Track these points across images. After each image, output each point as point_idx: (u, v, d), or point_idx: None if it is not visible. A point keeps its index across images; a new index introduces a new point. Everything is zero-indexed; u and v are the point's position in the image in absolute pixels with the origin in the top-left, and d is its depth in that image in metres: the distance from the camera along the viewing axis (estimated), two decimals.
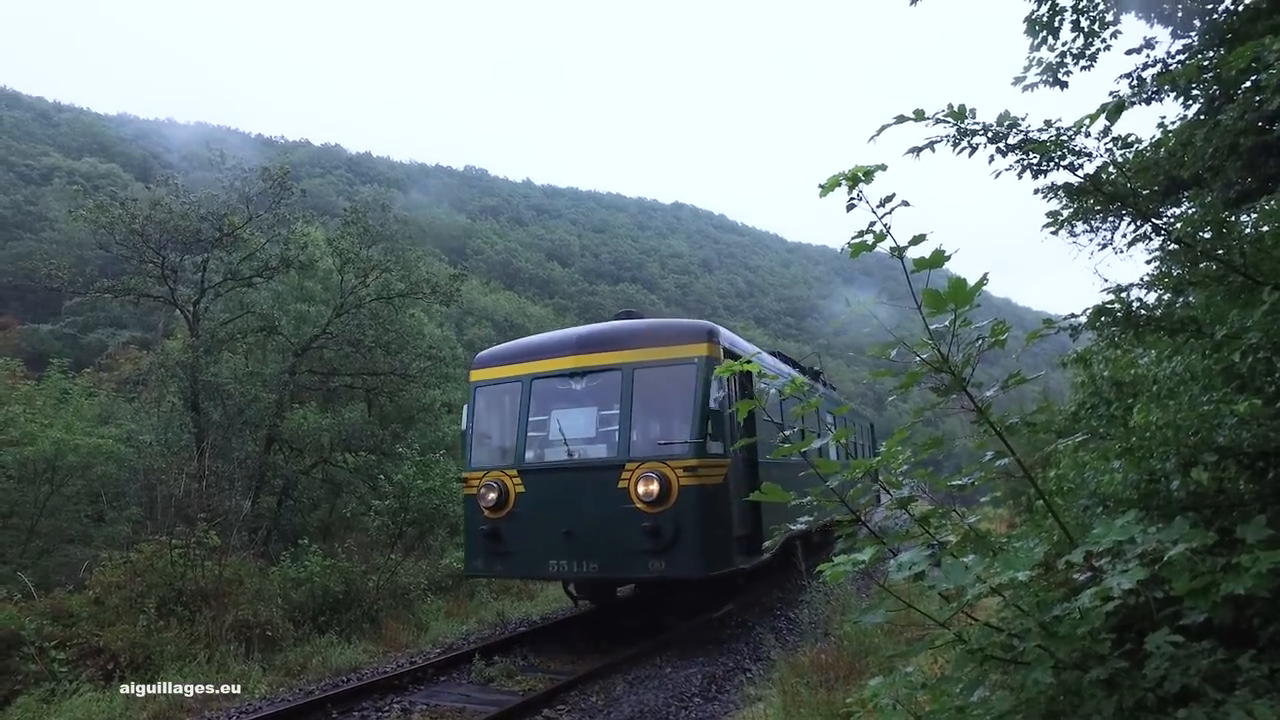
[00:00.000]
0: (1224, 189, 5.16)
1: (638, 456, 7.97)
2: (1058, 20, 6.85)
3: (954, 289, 2.31)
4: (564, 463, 8.45)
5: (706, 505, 7.71)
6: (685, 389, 8.06)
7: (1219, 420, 2.61)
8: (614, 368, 8.44)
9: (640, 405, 8.31)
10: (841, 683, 5.94)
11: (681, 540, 7.55)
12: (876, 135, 2.64)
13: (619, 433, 8.17)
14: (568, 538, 8.00)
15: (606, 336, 8.85)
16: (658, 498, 7.60)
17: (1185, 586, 2.11)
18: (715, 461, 7.93)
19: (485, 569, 8.87)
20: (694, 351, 8.24)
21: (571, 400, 8.76)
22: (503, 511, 8.56)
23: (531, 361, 9.15)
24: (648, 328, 8.96)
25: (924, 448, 2.66)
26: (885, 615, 2.22)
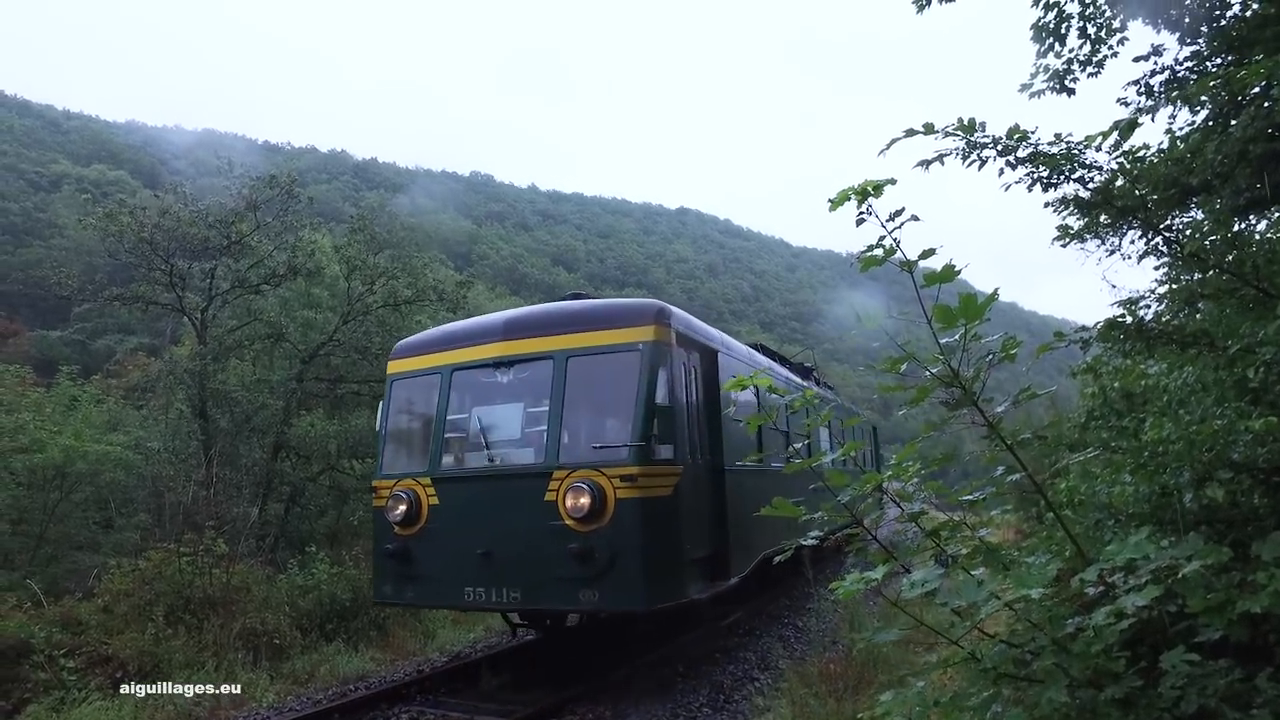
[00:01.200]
0: (1233, 196, 5.14)
1: (569, 463, 6.63)
2: (1064, 27, 6.85)
3: (965, 304, 2.31)
4: (483, 470, 7.18)
5: (650, 522, 6.40)
6: (627, 380, 6.68)
7: (1233, 437, 2.59)
8: (545, 356, 7.07)
9: (574, 400, 6.95)
10: (851, 693, 5.91)
11: (618, 565, 6.24)
12: (886, 149, 2.65)
13: (548, 434, 6.79)
14: (485, 560, 6.71)
15: (537, 320, 7.47)
16: (589, 513, 6.29)
17: (1201, 604, 2.10)
18: (662, 469, 6.63)
19: (394, 595, 7.52)
20: (638, 335, 6.84)
21: (497, 395, 7.49)
22: (414, 527, 7.26)
23: (453, 350, 7.75)
24: (585, 309, 7.53)
25: (934, 462, 2.65)
26: (899, 633, 2.21)
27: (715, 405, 8.01)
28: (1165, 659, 2.05)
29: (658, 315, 7.05)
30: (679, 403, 7.09)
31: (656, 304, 7.33)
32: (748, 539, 8.35)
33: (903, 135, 2.64)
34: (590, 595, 6.34)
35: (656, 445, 6.64)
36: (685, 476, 6.94)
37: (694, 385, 7.76)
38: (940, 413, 2.76)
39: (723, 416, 7.99)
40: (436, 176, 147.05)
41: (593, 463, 6.53)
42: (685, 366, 7.53)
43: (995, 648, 2.31)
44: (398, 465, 7.86)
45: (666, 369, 6.86)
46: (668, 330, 7.06)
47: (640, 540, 6.34)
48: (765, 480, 9.51)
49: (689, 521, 6.98)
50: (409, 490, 7.37)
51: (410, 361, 8.15)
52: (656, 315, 7.04)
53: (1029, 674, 2.15)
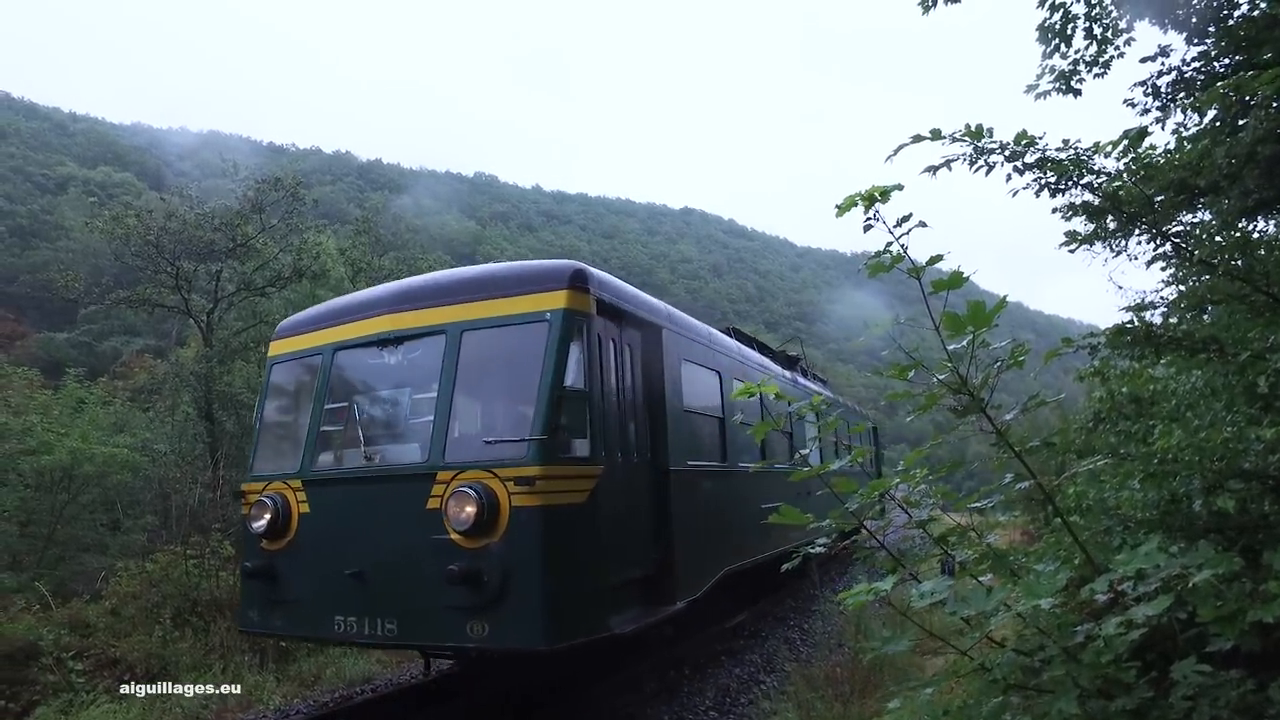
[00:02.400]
0: (1242, 197, 5.12)
1: (456, 462, 5.37)
2: (1070, 28, 6.83)
3: (973, 311, 2.30)
4: (359, 471, 5.95)
5: (554, 536, 5.14)
6: (531, 359, 5.40)
7: (1244, 445, 2.58)
8: (436, 330, 5.82)
9: (469, 384, 5.73)
10: (857, 696, 5.90)
11: (512, 592, 4.99)
12: (893, 155, 2.64)
13: (434, 426, 5.53)
14: (357, 582, 5.47)
15: (431, 288, 6.19)
16: (477, 524, 5.03)
17: (1211, 613, 2.09)
18: (573, 469, 5.40)
19: (260, 623, 6.23)
20: (546, 303, 5.54)
21: (383, 378, 6.37)
22: (282, 541, 6.04)
23: (337, 326, 6.47)
24: (485, 272, 6.30)
25: (943, 469, 2.64)
26: (909, 644, 2.20)
27: (658, 393, 6.82)
28: (1176, 669, 2.04)
29: (573, 279, 5.68)
30: (602, 388, 5.89)
31: (572, 265, 5.89)
32: (702, 553, 7.30)
33: (910, 141, 2.63)
34: (479, 629, 5.05)
35: (566, 440, 5.39)
36: (608, 479, 5.68)
37: (627, 367, 6.53)
38: (947, 415, 2.76)
39: (668, 407, 6.81)
40: (441, 177, 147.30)
41: (484, 462, 5.23)
42: (614, 344, 6.33)
43: (1004, 656, 2.30)
44: (268, 465, 6.58)
45: (583, 345, 5.60)
46: (586, 298, 5.74)
47: (540, 559, 5.03)
48: (730, 483, 8.57)
49: (613, 535, 5.74)
50: (277, 495, 6.09)
51: (291, 341, 6.86)
52: (571, 279, 5.67)
53: (1039, 684, 2.14)
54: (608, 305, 6.15)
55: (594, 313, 5.81)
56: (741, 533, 8.63)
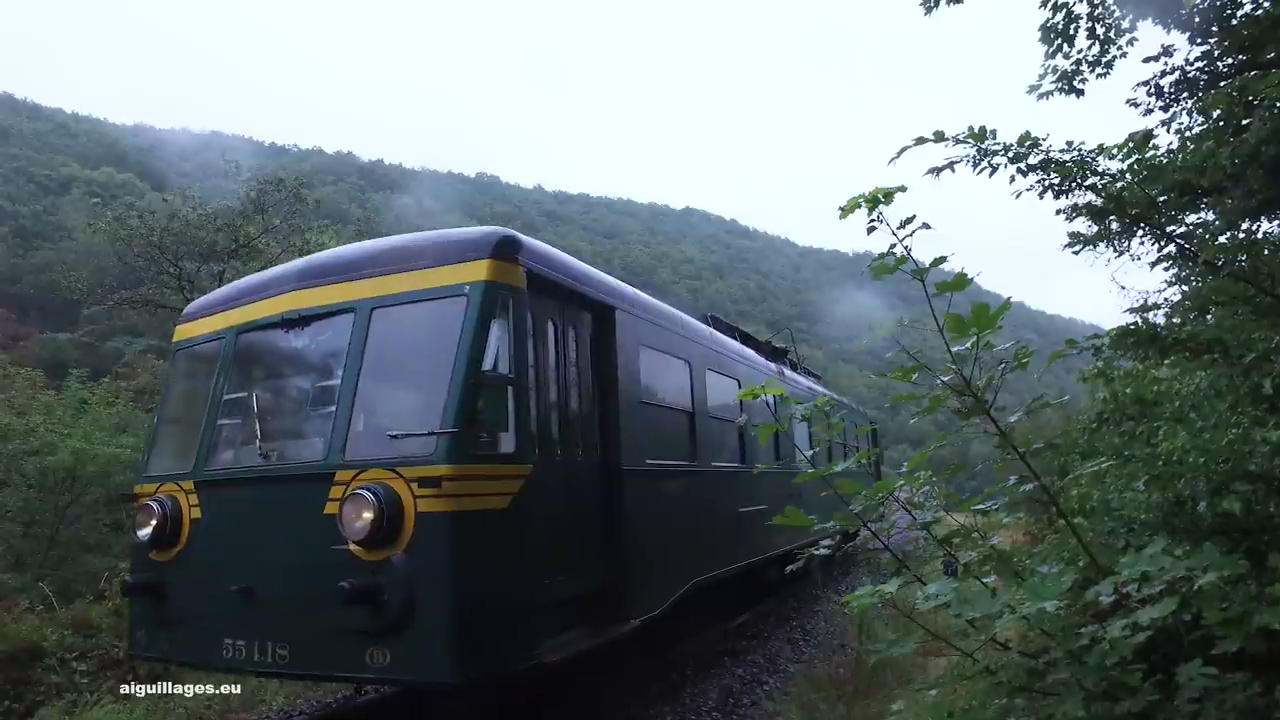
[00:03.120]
0: (1245, 197, 5.11)
1: (357, 459, 4.66)
2: (1073, 28, 6.83)
3: (977, 314, 2.30)
4: (254, 471, 5.19)
5: (469, 548, 4.44)
6: (445, 340, 4.70)
7: (1250, 447, 2.58)
8: (345, 309, 5.12)
9: (377, 369, 5.01)
10: (860, 697, 5.91)
11: (417, 614, 4.27)
12: (896, 157, 2.64)
13: (335, 418, 4.84)
14: (246, 600, 4.77)
15: (340, 260, 5.48)
16: (375, 533, 4.31)
17: (1217, 617, 2.09)
18: (494, 469, 4.70)
19: (149, 646, 5.50)
20: (466, 275, 4.82)
21: (288, 364, 5.64)
22: (171, 551, 5.32)
23: (242, 306, 5.73)
24: (401, 243, 5.49)
25: (947, 471, 2.64)
26: (914, 646, 2.20)
27: (609, 382, 6.10)
28: (1182, 672, 2.03)
29: (498, 248, 4.93)
30: (535, 375, 5.21)
31: (499, 231, 5.16)
32: (663, 564, 6.58)
33: (913, 144, 2.63)
34: (379, 657, 4.35)
35: (486, 434, 4.70)
36: (540, 480, 4.94)
37: (570, 352, 5.80)
38: (950, 416, 2.76)
39: (622, 398, 6.09)
40: (443, 178, 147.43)
41: (387, 460, 4.53)
42: (553, 325, 5.66)
43: (1009, 659, 2.30)
44: (163, 464, 5.86)
45: (509, 324, 4.86)
46: (514, 270, 5.02)
47: (449, 575, 4.32)
48: (701, 485, 7.87)
49: (546, 544, 5.02)
50: (167, 499, 5.36)
51: (196, 325, 6.14)
52: (496, 248, 4.93)
53: (1043, 687, 2.14)
54: (544, 280, 5.38)
55: (525, 287, 5.07)
56: (715, 540, 8.05)
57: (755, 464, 9.30)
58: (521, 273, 5.10)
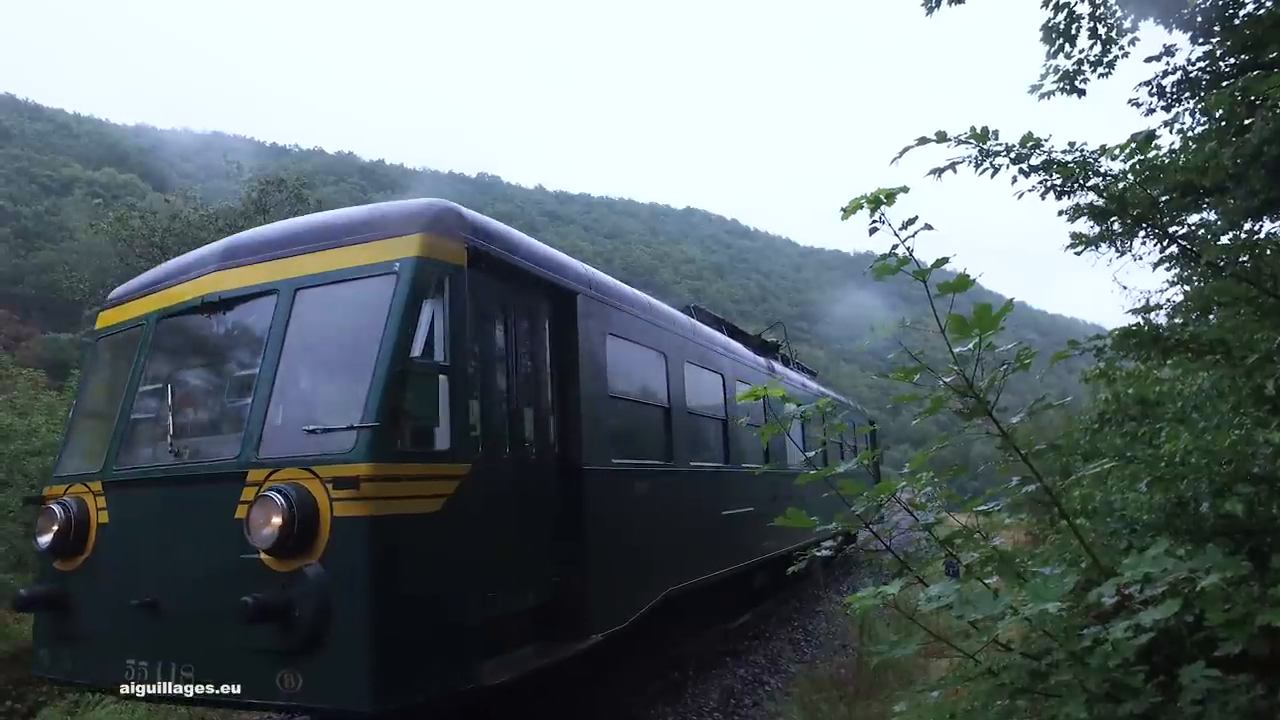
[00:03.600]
0: (1247, 197, 5.10)
1: (272, 458, 4.17)
2: (1075, 28, 6.81)
3: (979, 315, 2.29)
4: (162, 470, 4.68)
5: (391, 557, 3.97)
6: (371, 323, 4.22)
7: (1253, 449, 2.58)
8: (267, 290, 4.64)
9: (301, 356, 4.55)
10: (862, 698, 5.90)
11: (331, 633, 3.79)
12: (898, 158, 2.64)
13: (252, 411, 4.36)
14: (150, 615, 4.30)
15: (265, 237, 5.00)
16: (285, 540, 3.82)
17: (1219, 618, 2.08)
18: (423, 468, 4.24)
19: (51, 666, 4.95)
20: (397, 251, 4.35)
21: (206, 352, 5.11)
22: (76, 559, 4.81)
23: (164, 289, 5.22)
24: (331, 217, 5.04)
25: (949, 472, 2.64)
26: (916, 647, 2.20)
27: (569, 373, 5.61)
28: (1185, 674, 2.03)
29: (434, 221, 4.48)
30: (477, 363, 4.70)
31: (437, 203, 4.71)
32: (632, 572, 6.11)
33: (915, 144, 2.63)
34: (290, 681, 3.89)
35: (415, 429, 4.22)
36: (481, 480, 4.47)
37: (522, 340, 5.32)
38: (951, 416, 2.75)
39: (584, 392, 5.61)
40: (444, 178, 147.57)
41: (303, 458, 4.04)
42: (502, 309, 5.17)
43: (1011, 660, 2.29)
44: (73, 463, 5.34)
45: (445, 306, 4.40)
46: (453, 246, 4.54)
47: (368, 588, 3.82)
48: (679, 486, 7.37)
49: (488, 552, 4.53)
50: (73, 501, 4.85)
51: (118, 311, 5.61)
52: (432, 221, 4.47)
53: (1046, 688, 2.14)
54: (493, 259, 4.90)
55: (466, 265, 4.58)
56: (694, 545, 7.52)
57: (742, 464, 8.96)
58: (462, 249, 4.59)
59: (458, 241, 4.58)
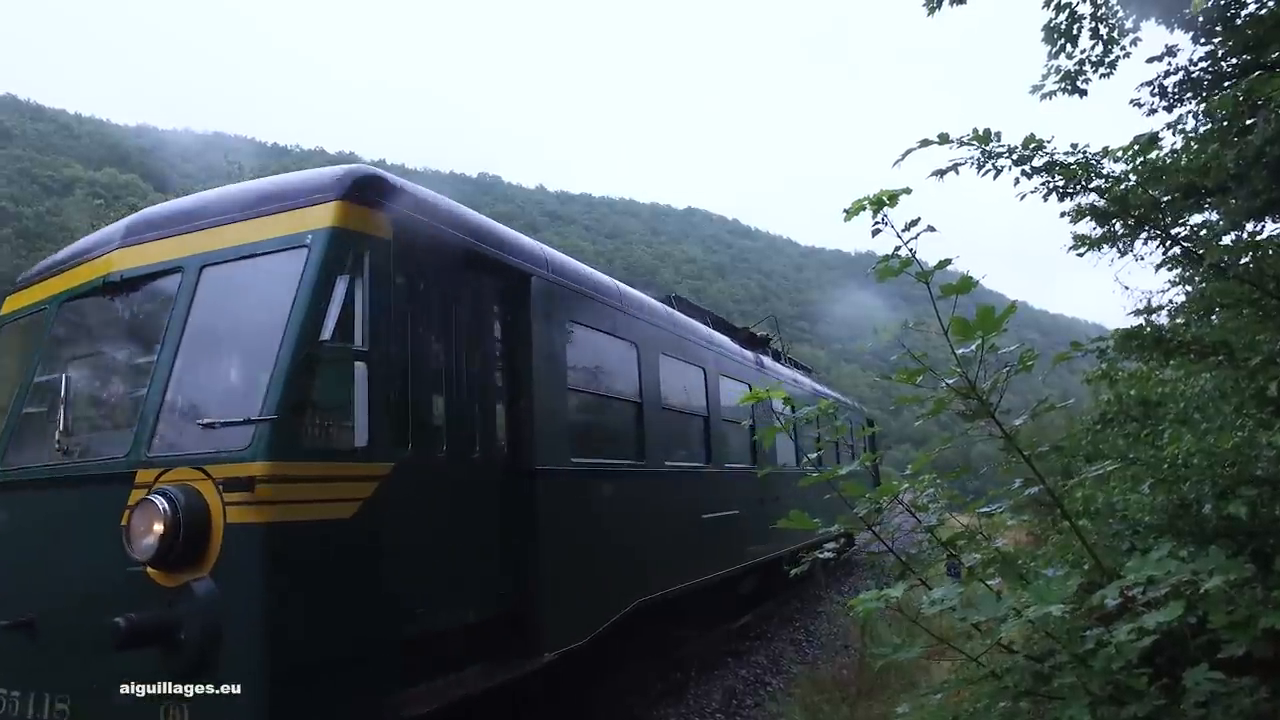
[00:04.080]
0: (1249, 198, 5.10)
1: (163, 456, 3.66)
2: (1076, 28, 6.81)
3: (982, 317, 2.29)
4: (48, 470, 4.17)
5: (293, 570, 3.48)
6: (278, 303, 3.74)
7: (1256, 451, 2.58)
8: (171, 268, 4.15)
9: (200, 341, 3.99)
10: (864, 699, 5.90)
11: (220, 660, 3.35)
12: (901, 160, 2.63)
13: (146, 403, 3.84)
14: (24, 637, 3.78)
15: (173, 210, 4.49)
16: (168, 552, 3.33)
17: (1223, 620, 2.08)
18: (334, 467, 3.75)
19: None
20: (309, 222, 3.88)
21: (105, 338, 4.64)
22: None
23: (67, 271, 4.74)
24: (244, 187, 4.56)
25: (951, 474, 2.64)
26: (920, 650, 2.20)
27: (522, 364, 5.09)
28: (1188, 676, 2.03)
29: (352, 189, 3.97)
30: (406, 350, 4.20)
31: (359, 169, 4.19)
32: (593, 582, 5.59)
33: (918, 146, 2.62)
34: (176, 715, 3.46)
35: (325, 423, 3.81)
36: (408, 482, 3.99)
37: (462, 325, 4.75)
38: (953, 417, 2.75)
39: (538, 385, 5.08)
40: (445, 178, 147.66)
41: (195, 456, 3.56)
42: (439, 289, 4.62)
43: (1015, 662, 2.29)
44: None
45: (365, 284, 3.91)
46: (375, 216, 4.05)
47: (261, 606, 3.36)
48: (652, 488, 6.82)
49: (417, 564, 4.06)
50: None
51: (23, 295, 5.12)
52: (349, 189, 3.96)
53: (1049, 690, 2.14)
54: (427, 234, 4.42)
55: (393, 239, 4.10)
56: (669, 552, 6.99)
57: (726, 464, 8.54)
58: (388, 221, 4.11)
59: (382, 212, 4.10)
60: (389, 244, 4.08)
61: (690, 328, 8.51)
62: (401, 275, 4.23)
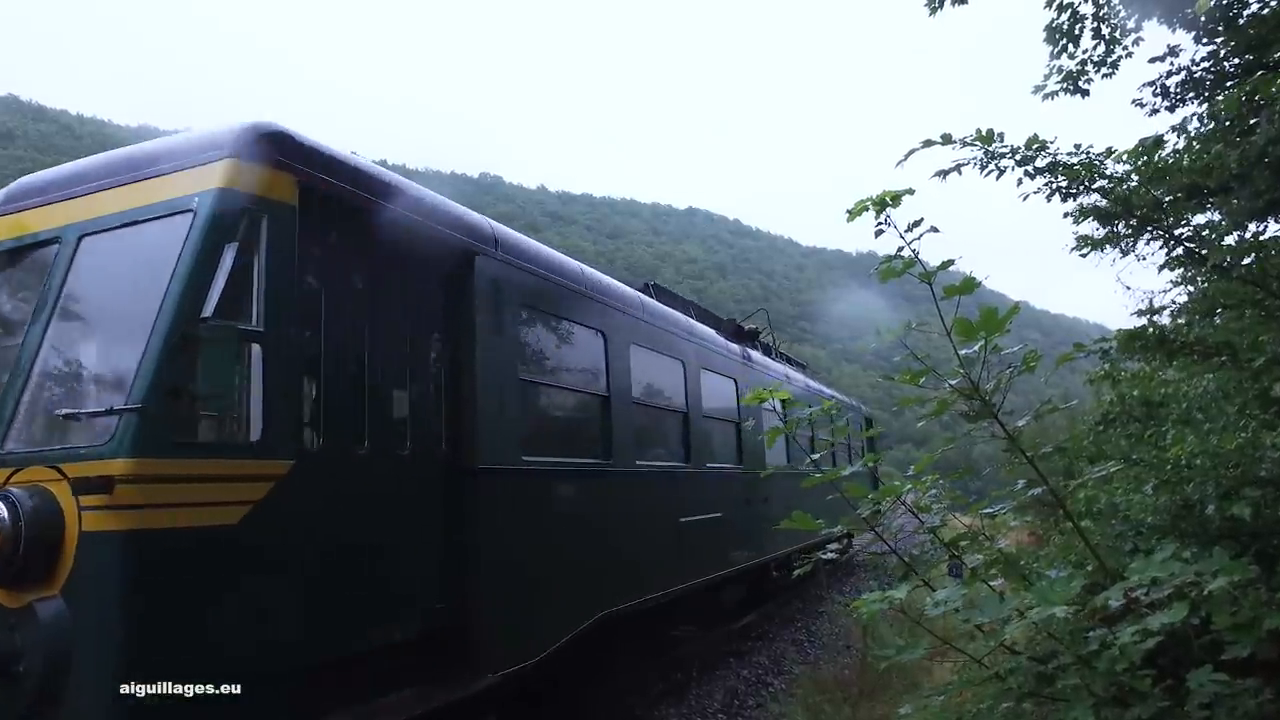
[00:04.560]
0: (1252, 198, 5.09)
1: (17, 452, 3.25)
2: (1078, 28, 6.80)
3: (985, 317, 2.29)
4: None
5: (163, 588, 3.00)
6: (157, 274, 3.28)
7: (1259, 452, 2.57)
8: (49, 239, 3.72)
9: (73, 320, 3.64)
10: (865, 699, 5.90)
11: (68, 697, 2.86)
12: (904, 160, 2.63)
13: (6, 391, 3.42)
14: None
15: (56, 175, 4.02)
16: (8, 565, 2.90)
17: (1227, 622, 2.08)
18: (219, 465, 3.27)
19: None
20: (197, 183, 3.42)
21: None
22: None
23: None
24: (130, 149, 3.96)
25: (954, 474, 2.64)
26: (923, 651, 2.20)
27: (464, 352, 4.53)
28: (1192, 678, 2.02)
29: (247, 146, 3.48)
30: (306, 329, 3.63)
31: (258, 124, 3.62)
32: (546, 594, 5.00)
33: (920, 146, 2.62)
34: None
35: (207, 414, 3.32)
36: (310, 483, 3.47)
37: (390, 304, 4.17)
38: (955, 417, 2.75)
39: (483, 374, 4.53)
40: (446, 178, 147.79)
41: (48, 453, 3.16)
42: (359, 262, 4.04)
43: (1017, 664, 2.29)
44: None
45: (262, 253, 3.41)
46: (277, 177, 3.53)
47: (120, 632, 2.90)
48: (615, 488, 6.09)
49: (325, 576, 3.55)
50: None
51: None
52: (243, 146, 3.47)
53: (1052, 692, 2.14)
54: (345, 200, 3.88)
55: (297, 204, 3.58)
56: (640, 559, 6.38)
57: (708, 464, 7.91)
58: (292, 184, 3.57)
59: (286, 173, 3.55)
60: (293, 209, 3.54)
61: (666, 317, 7.78)
62: (313, 247, 3.69)
